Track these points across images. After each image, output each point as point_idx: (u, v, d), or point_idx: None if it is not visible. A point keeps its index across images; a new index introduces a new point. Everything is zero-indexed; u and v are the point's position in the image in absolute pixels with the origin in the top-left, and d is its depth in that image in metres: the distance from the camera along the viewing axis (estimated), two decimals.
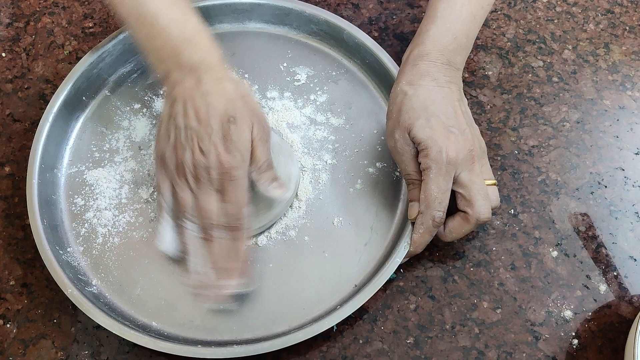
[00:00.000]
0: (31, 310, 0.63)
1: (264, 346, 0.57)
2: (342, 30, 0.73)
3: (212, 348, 0.58)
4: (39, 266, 0.64)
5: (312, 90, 0.73)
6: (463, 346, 0.61)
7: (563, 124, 0.72)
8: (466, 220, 0.60)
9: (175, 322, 0.61)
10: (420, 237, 0.61)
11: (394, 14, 0.79)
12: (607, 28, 0.79)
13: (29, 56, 0.77)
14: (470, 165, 0.60)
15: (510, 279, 0.64)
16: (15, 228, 0.67)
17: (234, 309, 0.61)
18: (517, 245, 0.66)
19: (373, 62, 0.72)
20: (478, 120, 0.72)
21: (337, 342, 0.61)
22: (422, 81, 0.61)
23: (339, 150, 0.69)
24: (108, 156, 0.69)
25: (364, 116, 0.71)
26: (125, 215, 0.66)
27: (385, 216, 0.66)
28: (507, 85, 0.75)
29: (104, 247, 0.64)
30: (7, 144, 0.71)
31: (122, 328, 0.58)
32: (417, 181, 0.61)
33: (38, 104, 0.74)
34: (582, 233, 0.66)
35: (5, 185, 0.69)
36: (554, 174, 0.69)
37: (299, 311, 0.61)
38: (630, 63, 0.76)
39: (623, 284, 0.64)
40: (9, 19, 0.80)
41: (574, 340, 0.61)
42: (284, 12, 0.75)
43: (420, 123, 0.59)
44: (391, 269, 0.61)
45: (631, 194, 0.68)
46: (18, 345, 0.61)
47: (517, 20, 0.79)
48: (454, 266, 0.64)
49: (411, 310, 0.62)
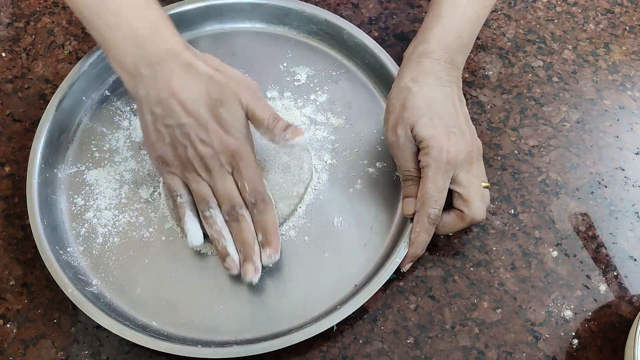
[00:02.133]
0: (31, 310, 0.63)
1: (264, 346, 0.57)
2: (342, 30, 0.73)
3: (212, 348, 0.58)
4: (39, 266, 0.64)
5: (312, 90, 0.73)
6: (463, 346, 0.61)
7: (563, 124, 0.72)
8: (461, 219, 0.61)
9: (175, 322, 0.61)
10: (418, 236, 0.61)
11: (394, 14, 0.79)
12: (607, 28, 0.79)
13: (29, 56, 0.77)
14: (468, 166, 0.60)
15: (510, 279, 0.64)
16: (15, 228, 0.67)
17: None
18: (517, 245, 0.66)
19: (373, 62, 0.72)
20: (478, 120, 0.72)
21: (337, 342, 0.61)
22: (426, 79, 0.61)
23: (339, 150, 0.69)
24: (108, 156, 0.69)
25: (364, 116, 0.71)
26: (125, 215, 0.66)
27: (385, 216, 0.66)
28: (507, 85, 0.75)
29: (104, 247, 0.64)
30: (7, 144, 0.71)
31: (122, 328, 0.58)
32: (415, 178, 0.61)
33: (38, 104, 0.74)
34: (582, 233, 0.66)
35: (5, 185, 0.69)
36: (554, 174, 0.69)
37: (299, 311, 0.61)
38: (630, 63, 0.76)
39: (623, 284, 0.64)
40: (9, 19, 0.80)
41: (574, 340, 0.61)
42: (284, 12, 0.75)
43: (423, 121, 0.59)
44: (391, 269, 0.61)
45: (631, 194, 0.68)
46: (18, 345, 0.61)
47: (517, 20, 0.79)
48: (454, 266, 0.64)
49: (411, 310, 0.62)
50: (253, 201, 0.60)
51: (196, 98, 0.58)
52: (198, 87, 0.58)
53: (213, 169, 0.59)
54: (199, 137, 0.58)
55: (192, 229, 0.61)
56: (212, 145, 0.58)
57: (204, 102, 0.58)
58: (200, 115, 0.58)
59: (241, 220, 0.60)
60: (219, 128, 0.58)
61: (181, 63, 0.58)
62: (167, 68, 0.58)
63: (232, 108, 0.58)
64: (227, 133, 0.58)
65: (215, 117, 0.58)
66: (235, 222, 0.60)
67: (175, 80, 0.58)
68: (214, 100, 0.58)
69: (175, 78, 0.58)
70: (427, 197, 0.60)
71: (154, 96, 0.58)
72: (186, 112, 0.58)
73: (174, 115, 0.58)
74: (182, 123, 0.58)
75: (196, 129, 0.58)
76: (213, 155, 0.58)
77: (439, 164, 0.59)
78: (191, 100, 0.58)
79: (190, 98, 0.58)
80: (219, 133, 0.58)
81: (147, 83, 0.58)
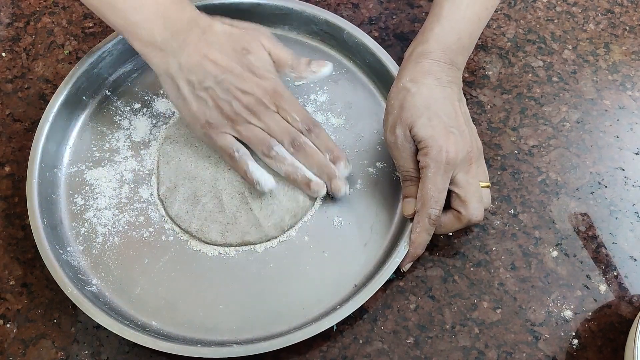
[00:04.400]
0: (31, 310, 0.63)
1: (264, 346, 0.57)
2: (342, 30, 0.73)
3: (212, 348, 0.58)
4: (39, 266, 0.64)
5: (312, 90, 0.73)
6: (463, 346, 0.61)
7: (563, 124, 0.72)
8: (458, 219, 0.61)
9: (175, 321, 0.61)
10: (418, 236, 0.61)
11: (394, 14, 0.79)
12: (607, 28, 0.79)
13: (29, 56, 0.77)
14: (467, 167, 0.60)
15: (510, 279, 0.64)
16: (15, 228, 0.67)
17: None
18: (517, 245, 0.66)
19: (373, 62, 0.72)
20: (478, 120, 0.72)
21: (337, 342, 0.61)
22: (425, 79, 0.61)
23: None
24: (108, 156, 0.69)
25: (364, 116, 0.71)
26: (125, 214, 0.66)
27: (385, 216, 0.66)
28: (507, 85, 0.75)
29: (103, 246, 0.64)
30: (7, 144, 0.71)
31: (122, 328, 0.58)
32: (414, 178, 0.61)
33: (38, 104, 0.74)
34: (582, 233, 0.66)
35: (5, 185, 0.69)
36: (554, 174, 0.69)
37: (298, 311, 0.61)
38: (630, 63, 0.76)
39: (623, 284, 0.64)
40: (9, 19, 0.80)
41: (574, 340, 0.61)
42: (284, 12, 0.75)
43: (422, 122, 0.59)
44: (391, 269, 0.61)
45: (631, 194, 0.68)
46: (18, 345, 0.61)
47: (517, 20, 0.79)
48: (454, 266, 0.64)
49: (411, 310, 0.62)
50: (307, 128, 0.64)
51: (225, 54, 0.62)
52: (223, 44, 0.62)
53: (261, 113, 0.62)
54: (240, 89, 0.62)
55: (261, 175, 0.63)
56: (253, 92, 0.62)
57: (232, 55, 0.62)
58: (233, 68, 0.62)
59: (306, 147, 0.64)
60: (252, 75, 0.62)
61: (202, 26, 0.62)
62: (193, 34, 0.62)
63: (258, 53, 0.63)
64: (261, 77, 0.62)
65: (246, 66, 0.62)
66: (302, 151, 0.63)
67: (201, 43, 0.62)
68: (240, 51, 0.62)
69: (202, 41, 0.62)
70: (427, 198, 0.60)
71: (187, 64, 0.61)
72: (220, 69, 0.61)
73: (209, 76, 0.61)
74: (219, 80, 0.61)
75: (234, 81, 0.61)
76: (257, 100, 0.62)
77: (438, 164, 0.58)
78: (221, 57, 0.62)
79: (220, 56, 0.62)
80: (255, 79, 0.62)
81: (177, 54, 0.61)
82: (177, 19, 0.62)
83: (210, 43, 0.62)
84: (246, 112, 0.62)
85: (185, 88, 0.62)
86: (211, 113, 0.62)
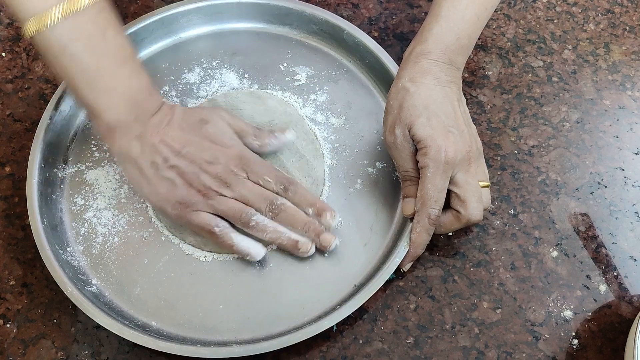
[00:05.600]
0: (31, 310, 0.63)
1: (264, 346, 0.57)
2: (342, 30, 0.73)
3: (212, 348, 0.58)
4: (39, 266, 0.64)
5: (312, 90, 0.73)
6: (463, 346, 0.61)
7: (563, 124, 0.72)
8: (457, 219, 0.61)
9: (175, 321, 0.61)
10: (418, 236, 0.61)
11: (394, 14, 0.79)
12: (607, 28, 0.79)
13: (29, 56, 0.77)
14: (466, 166, 0.60)
15: (510, 279, 0.64)
16: (15, 228, 0.67)
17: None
18: (517, 245, 0.66)
19: (373, 62, 0.72)
20: (478, 120, 0.72)
21: (337, 342, 0.61)
22: (424, 79, 0.61)
23: (339, 150, 0.69)
24: (108, 156, 0.69)
25: (364, 116, 0.71)
26: (125, 215, 0.66)
27: (385, 216, 0.66)
28: (507, 85, 0.75)
29: (103, 246, 0.64)
30: (7, 144, 0.71)
31: (122, 328, 0.58)
32: (413, 178, 0.61)
33: (38, 104, 0.74)
34: (582, 233, 0.66)
35: (5, 185, 0.69)
36: (554, 174, 0.69)
37: (298, 311, 0.61)
38: (630, 63, 0.76)
39: (623, 284, 0.64)
40: (9, 19, 0.80)
41: (574, 340, 0.61)
42: (284, 12, 0.75)
43: (421, 121, 0.59)
44: (391, 269, 0.61)
45: (631, 194, 0.68)
46: (18, 345, 0.61)
47: (517, 20, 0.79)
48: (454, 266, 0.64)
49: (411, 310, 0.62)
50: (282, 187, 0.62)
51: (182, 129, 0.61)
52: (181, 121, 0.61)
53: (232, 183, 0.60)
54: (204, 159, 0.60)
55: (250, 245, 0.61)
56: (219, 161, 0.60)
57: (189, 129, 0.61)
58: (194, 140, 0.61)
59: (285, 208, 0.61)
60: (212, 144, 0.61)
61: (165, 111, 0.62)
62: (156, 118, 0.61)
63: (216, 124, 0.62)
64: (223, 145, 0.61)
65: (204, 135, 0.61)
66: (282, 213, 0.61)
67: (162, 125, 0.61)
68: (197, 123, 0.62)
69: (163, 123, 0.61)
70: (427, 198, 0.59)
71: (148, 145, 0.60)
72: (179, 143, 0.60)
73: (170, 153, 0.60)
74: (182, 154, 0.60)
75: (195, 152, 0.60)
76: (225, 169, 0.60)
77: (438, 164, 0.58)
78: (179, 133, 0.61)
79: (178, 132, 0.61)
80: (215, 147, 0.61)
81: (140, 137, 0.60)
82: (144, 104, 0.60)
83: (170, 123, 0.61)
84: (216, 184, 0.60)
85: (150, 171, 0.60)
86: (180, 192, 0.60)
